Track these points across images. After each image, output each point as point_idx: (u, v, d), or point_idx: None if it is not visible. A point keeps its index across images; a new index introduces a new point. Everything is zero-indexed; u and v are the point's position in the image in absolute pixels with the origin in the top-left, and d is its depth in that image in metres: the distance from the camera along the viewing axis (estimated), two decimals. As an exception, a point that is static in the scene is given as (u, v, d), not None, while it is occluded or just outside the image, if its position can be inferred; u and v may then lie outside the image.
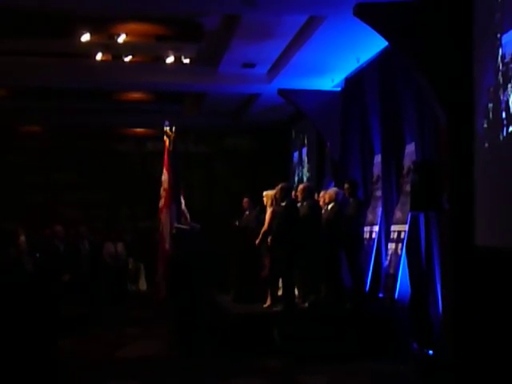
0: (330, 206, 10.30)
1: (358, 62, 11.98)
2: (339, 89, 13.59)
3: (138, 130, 19.21)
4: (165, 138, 11.01)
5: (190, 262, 10.05)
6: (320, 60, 11.80)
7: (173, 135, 10.96)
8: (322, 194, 10.78)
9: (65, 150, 18.59)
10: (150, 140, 18.66)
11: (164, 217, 10.84)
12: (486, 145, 7.87)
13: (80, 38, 11.80)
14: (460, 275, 8.24)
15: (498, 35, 7.51)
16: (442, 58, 8.39)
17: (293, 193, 10.65)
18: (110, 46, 12.46)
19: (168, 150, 11.01)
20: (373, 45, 10.65)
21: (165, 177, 11.01)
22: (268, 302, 10.32)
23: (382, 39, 9.12)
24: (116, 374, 8.65)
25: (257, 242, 10.27)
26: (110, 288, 14.58)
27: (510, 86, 7.28)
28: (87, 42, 11.98)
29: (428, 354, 8.68)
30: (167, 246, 10.65)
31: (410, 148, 10.29)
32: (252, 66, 12.98)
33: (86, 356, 9.56)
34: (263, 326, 9.54)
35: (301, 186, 10.76)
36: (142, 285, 16.99)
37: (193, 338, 9.70)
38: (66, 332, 9.68)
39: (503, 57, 7.43)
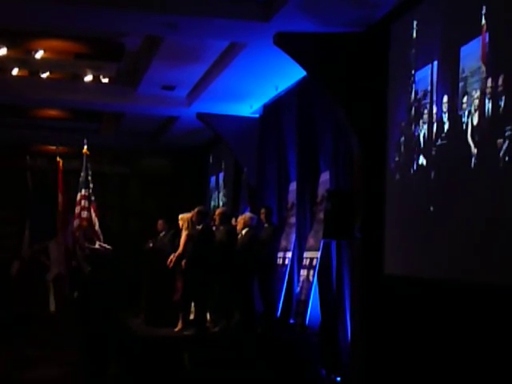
0: (244, 231, 10.36)
1: (276, 89, 12.14)
2: (257, 115, 13.73)
3: (53, 147, 18.86)
4: (58, 158, 10.72)
5: (100, 284, 9.92)
6: (239, 86, 11.91)
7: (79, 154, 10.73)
8: (238, 219, 10.85)
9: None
10: (65, 158, 18.34)
11: (59, 239, 10.59)
12: (398, 177, 8.09)
13: (-5, 52, 11.60)
14: (369, 303, 8.39)
15: (412, 71, 7.76)
16: (357, 90, 8.59)
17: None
18: (26, 62, 12.27)
19: (61, 170, 10.70)
20: (292, 73, 10.81)
21: (60, 199, 10.71)
22: (179, 326, 10.27)
23: (301, 68, 9.31)
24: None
25: (170, 263, 10.23)
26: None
27: (421, 121, 7.52)
28: (3, 57, 11.77)
29: (336, 380, 8.79)
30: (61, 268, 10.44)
31: (325, 176, 10.46)
32: (171, 88, 12.97)
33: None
34: (173, 350, 9.47)
35: (218, 211, 10.81)
36: (51, 305, 16.58)
37: (100, 362, 9.54)
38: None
39: (416, 93, 7.68)
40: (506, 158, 5.97)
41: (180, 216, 10.55)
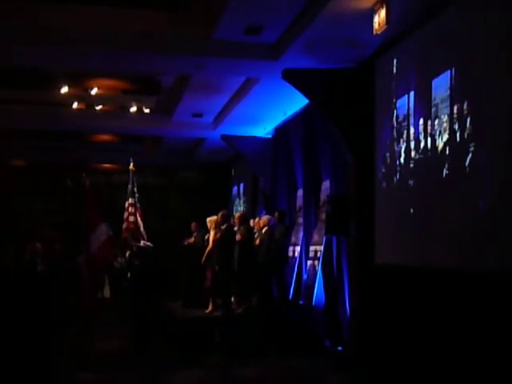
0: (264, 230, 10.37)
1: (285, 114, 12.18)
2: (270, 136, 13.77)
3: (106, 165, 19.03)
4: (83, 174, 10.70)
5: (145, 275, 10.03)
6: (255, 112, 11.95)
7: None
8: (257, 220, 10.88)
9: (45, 181, 18.29)
10: (115, 174, 18.51)
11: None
12: (384, 185, 8.13)
13: (60, 90, 11.75)
14: (364, 286, 8.42)
15: (394, 100, 7.81)
16: (351, 115, 8.64)
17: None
18: (84, 97, 12.41)
19: (88, 187, 10.48)
20: (297, 101, 10.82)
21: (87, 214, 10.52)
22: (210, 308, 10.33)
23: (305, 98, 9.37)
24: (87, 367, 8.47)
25: (203, 260, 10.32)
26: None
27: (401, 140, 7.57)
28: (66, 94, 11.92)
29: (338, 350, 8.81)
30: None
31: (326, 184, 10.50)
32: (200, 115, 13.03)
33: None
34: (206, 327, 9.55)
35: (237, 214, 10.83)
36: (106, 292, 16.70)
37: (147, 337, 9.63)
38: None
39: (397, 117, 7.73)
40: (471, 167, 6.02)
41: (208, 219, 10.60)
